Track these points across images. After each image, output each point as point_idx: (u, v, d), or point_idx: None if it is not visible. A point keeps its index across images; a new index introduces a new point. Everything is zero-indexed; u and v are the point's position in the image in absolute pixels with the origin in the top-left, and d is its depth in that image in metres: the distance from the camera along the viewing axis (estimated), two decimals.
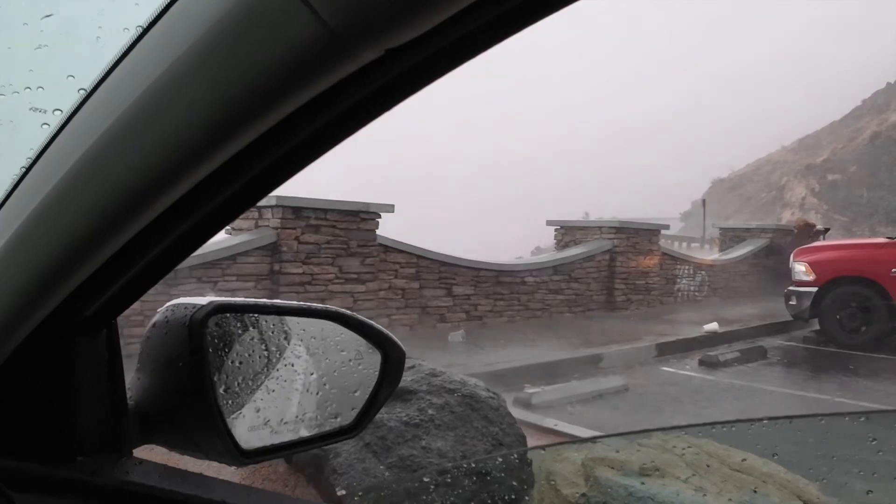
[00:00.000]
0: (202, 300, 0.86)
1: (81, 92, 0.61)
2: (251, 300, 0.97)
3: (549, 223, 14.71)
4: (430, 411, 3.91)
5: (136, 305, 0.84)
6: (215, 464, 0.92)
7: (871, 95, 39.89)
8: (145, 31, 0.55)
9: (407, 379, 4.07)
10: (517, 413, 5.64)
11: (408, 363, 3.78)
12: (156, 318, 0.86)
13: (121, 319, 0.88)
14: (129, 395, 0.89)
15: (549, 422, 6.03)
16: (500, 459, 3.86)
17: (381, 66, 0.50)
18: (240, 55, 0.49)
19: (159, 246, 0.70)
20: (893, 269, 10.85)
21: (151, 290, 0.81)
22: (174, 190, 0.60)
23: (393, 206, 9.79)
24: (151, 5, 0.53)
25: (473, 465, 3.19)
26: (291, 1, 0.44)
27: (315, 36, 0.45)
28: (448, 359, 8.02)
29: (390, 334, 1.03)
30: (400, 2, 0.44)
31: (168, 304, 0.87)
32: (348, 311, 1.03)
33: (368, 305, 9.44)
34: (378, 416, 3.95)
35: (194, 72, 0.51)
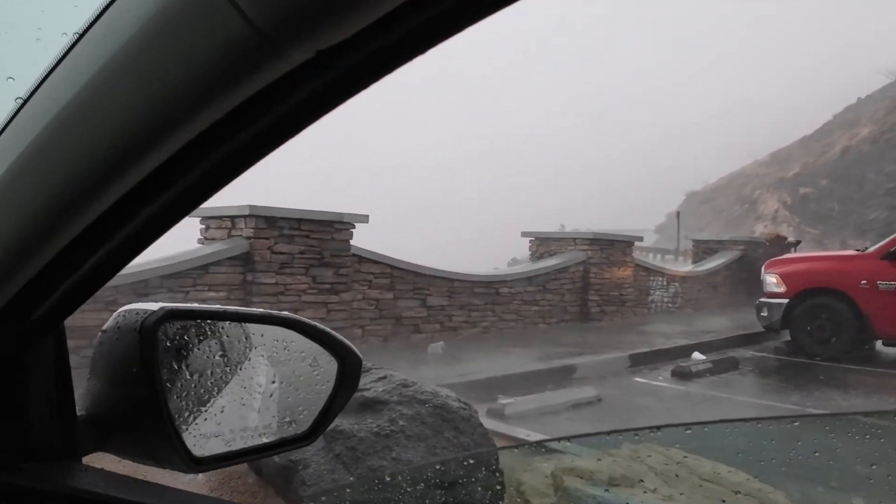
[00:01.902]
0: (154, 306, 0.86)
1: (20, 98, 0.61)
2: (204, 307, 0.96)
3: (524, 234, 14.75)
4: (400, 422, 3.90)
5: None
6: (174, 472, 0.91)
7: (841, 110, 40.42)
8: (82, 35, 0.55)
9: (378, 389, 4.06)
10: (491, 424, 5.64)
11: (379, 373, 3.75)
12: (107, 324, 0.86)
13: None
14: (80, 401, 0.88)
15: (522, 432, 6.03)
16: (469, 462, 3.85)
17: (313, 69, 0.50)
18: (170, 56, 0.49)
19: (103, 248, 0.69)
20: (863, 281, 10.97)
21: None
22: (112, 192, 0.60)
23: (367, 216, 9.77)
24: (90, 7, 0.53)
25: (440, 468, 3.18)
26: (217, 1, 0.44)
27: (242, 36, 0.46)
28: (422, 370, 8.01)
29: (346, 341, 1.03)
30: (327, 2, 0.44)
31: (120, 309, 0.87)
32: (304, 318, 1.03)
33: (342, 316, 9.40)
34: (348, 426, 3.94)
35: (127, 73, 0.51)
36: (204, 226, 9.08)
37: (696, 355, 10.55)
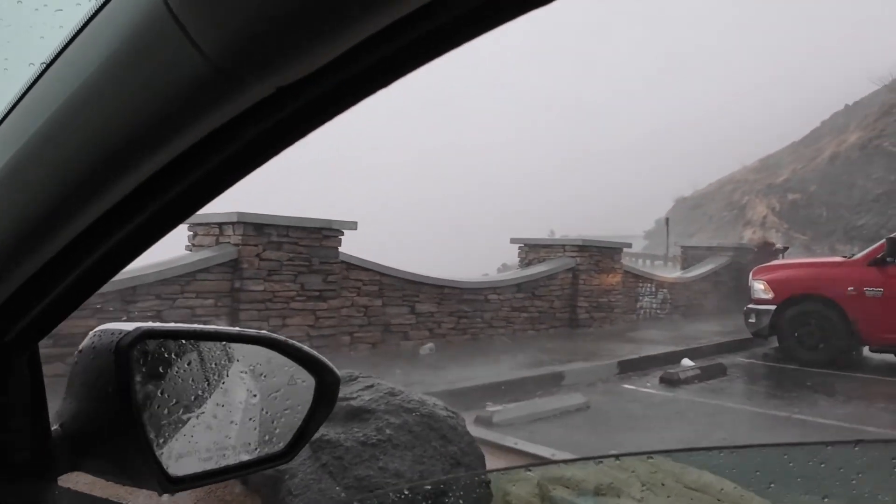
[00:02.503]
0: (129, 326, 0.86)
1: None
2: (181, 326, 0.96)
3: (513, 241, 14.77)
4: (387, 431, 3.89)
5: None
6: (151, 492, 0.91)
7: (829, 117, 40.58)
8: (49, 65, 0.55)
9: (365, 398, 4.05)
10: (479, 432, 5.64)
11: (366, 382, 3.75)
12: (83, 343, 0.86)
13: None
14: (56, 421, 0.88)
15: (510, 440, 6.03)
16: (463, 480, 3.84)
17: (274, 104, 0.50)
18: (132, 90, 0.49)
19: (76, 272, 0.70)
20: (850, 288, 11.02)
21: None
22: (79, 221, 0.61)
23: (356, 223, 9.76)
24: (56, 39, 0.53)
25: (429, 487, 3.17)
26: (176, 38, 0.45)
27: (200, 73, 0.46)
28: (409, 377, 8.00)
29: (324, 359, 1.03)
30: (287, 40, 0.44)
31: (95, 329, 0.87)
32: (282, 337, 1.03)
33: (330, 323, 9.38)
34: (335, 435, 3.93)
35: (92, 105, 0.52)
36: (192, 232, 9.05)
37: (686, 361, 10.57)
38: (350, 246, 9.79)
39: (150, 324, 0.89)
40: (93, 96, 0.51)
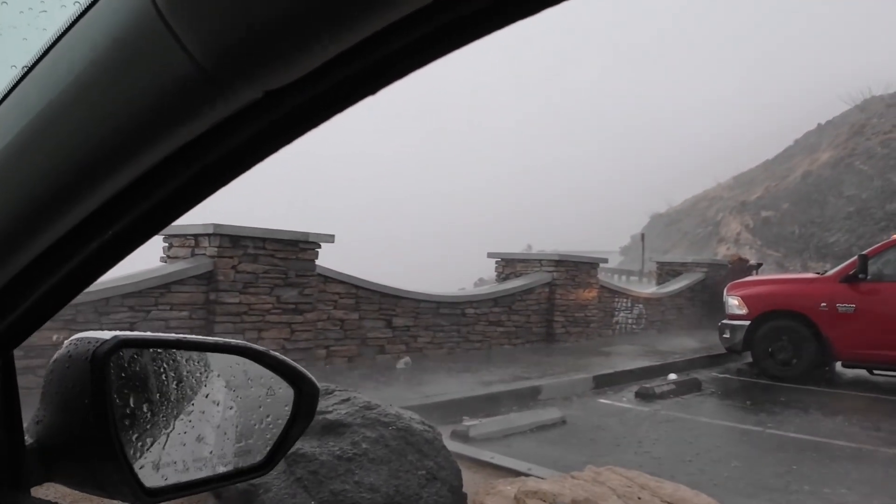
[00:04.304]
0: (106, 334, 0.85)
1: None
2: (159, 335, 0.95)
3: (490, 255, 14.80)
4: (363, 445, 3.87)
5: None
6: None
7: (802, 135, 41.14)
8: (31, 68, 0.55)
9: (341, 412, 4.03)
10: (455, 446, 5.62)
11: (342, 395, 3.73)
12: (59, 352, 0.84)
13: None
14: (30, 431, 0.86)
15: (486, 454, 6.01)
16: (434, 494, 3.83)
17: (262, 108, 0.50)
18: (117, 93, 0.49)
19: (49, 282, 0.69)
20: (823, 304, 11.14)
21: None
22: (57, 227, 0.60)
23: (333, 236, 9.73)
24: (38, 41, 0.52)
25: (406, 501, 3.16)
26: (164, 40, 0.44)
27: (187, 75, 0.46)
28: (385, 391, 7.97)
29: (303, 370, 1.02)
30: (276, 44, 0.44)
31: (71, 338, 0.85)
32: (260, 347, 1.02)
33: (306, 336, 9.33)
34: (310, 449, 3.91)
35: (75, 108, 0.51)
36: (167, 244, 8.97)
37: (672, 377, 10.65)
38: (326, 257, 9.77)
39: (127, 332, 0.87)
40: (77, 99, 0.51)
